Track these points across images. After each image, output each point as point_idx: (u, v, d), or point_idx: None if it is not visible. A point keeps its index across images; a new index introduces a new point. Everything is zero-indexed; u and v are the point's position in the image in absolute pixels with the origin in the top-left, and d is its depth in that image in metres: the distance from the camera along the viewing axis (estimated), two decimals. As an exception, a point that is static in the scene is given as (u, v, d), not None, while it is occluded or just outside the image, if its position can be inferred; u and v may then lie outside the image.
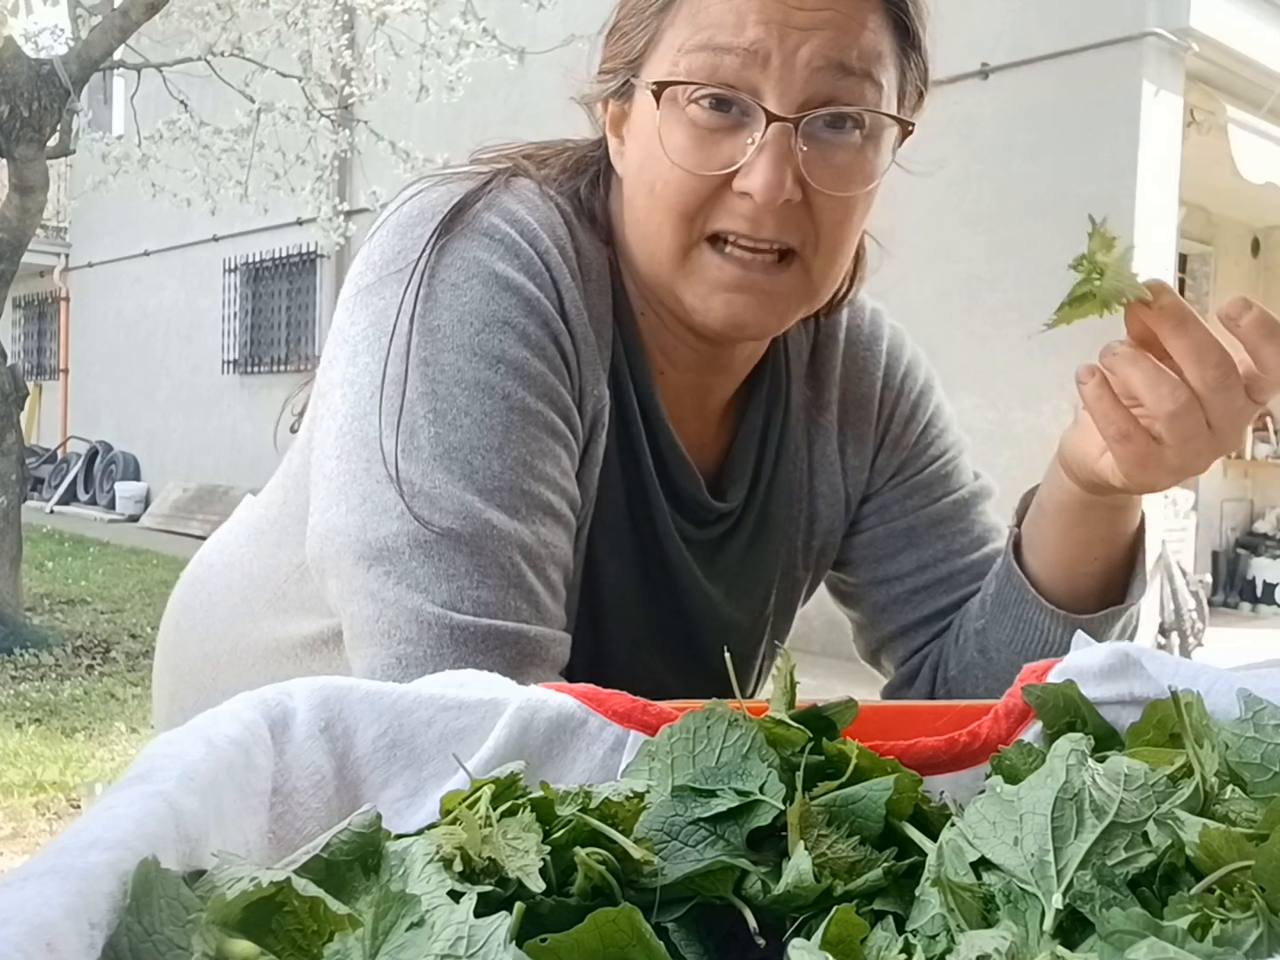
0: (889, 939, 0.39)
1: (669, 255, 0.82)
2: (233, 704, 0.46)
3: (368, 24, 7.07)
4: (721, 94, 0.78)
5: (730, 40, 0.77)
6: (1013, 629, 0.91)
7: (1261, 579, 8.10)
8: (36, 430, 15.14)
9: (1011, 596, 0.91)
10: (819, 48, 0.77)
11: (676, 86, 0.79)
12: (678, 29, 0.80)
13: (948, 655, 0.98)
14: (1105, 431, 0.74)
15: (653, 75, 0.81)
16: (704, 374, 0.93)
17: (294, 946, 0.35)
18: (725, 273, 0.81)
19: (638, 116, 0.84)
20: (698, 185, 0.79)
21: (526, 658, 0.76)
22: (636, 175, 0.83)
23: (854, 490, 1.01)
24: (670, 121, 0.80)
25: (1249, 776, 0.47)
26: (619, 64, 0.85)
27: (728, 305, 0.82)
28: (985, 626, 0.94)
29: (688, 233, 0.81)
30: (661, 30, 0.81)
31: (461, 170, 0.87)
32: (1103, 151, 5.91)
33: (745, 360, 0.94)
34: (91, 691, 5.04)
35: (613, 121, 0.88)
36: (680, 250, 0.81)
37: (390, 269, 0.80)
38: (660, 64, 0.81)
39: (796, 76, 0.77)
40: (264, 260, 11.69)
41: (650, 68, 0.82)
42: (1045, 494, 0.88)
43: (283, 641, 0.92)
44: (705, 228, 0.80)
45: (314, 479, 0.82)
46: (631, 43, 0.84)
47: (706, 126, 0.79)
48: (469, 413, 0.77)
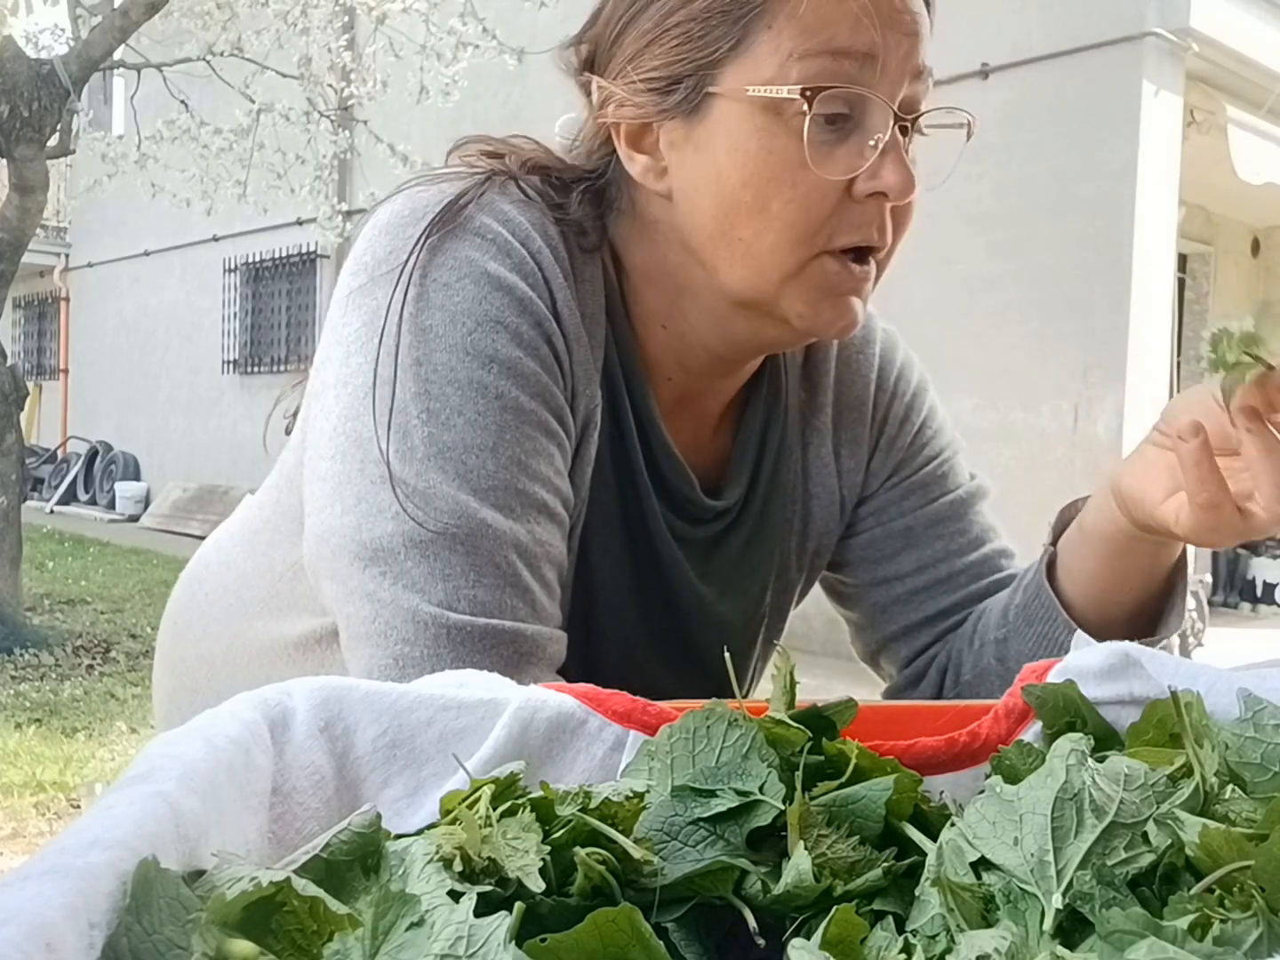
0: (889, 939, 0.39)
1: (783, 271, 0.80)
2: (232, 704, 0.46)
3: (367, 24, 7.08)
4: (856, 95, 0.76)
5: (848, 44, 0.76)
6: (1035, 644, 0.91)
7: (1261, 579, 8.09)
8: (36, 430, 15.13)
9: (1039, 614, 0.91)
10: (913, 53, 0.78)
11: (803, 94, 0.75)
12: (779, 32, 0.76)
13: (961, 659, 0.98)
14: (1194, 496, 0.73)
15: (745, 82, 0.77)
16: (713, 380, 0.92)
17: (294, 946, 0.35)
18: (840, 279, 0.80)
19: (718, 130, 0.79)
20: (824, 197, 0.77)
21: (524, 656, 0.76)
22: (729, 193, 0.79)
23: (849, 492, 1.01)
24: (782, 134, 0.77)
25: (1249, 776, 0.47)
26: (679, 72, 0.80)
27: (835, 308, 0.81)
28: (1007, 636, 0.93)
29: (809, 248, 0.79)
30: (753, 35, 0.77)
31: (453, 171, 0.86)
32: (1103, 151, 5.91)
33: (752, 366, 0.94)
34: (91, 691, 5.04)
35: (634, 137, 0.83)
36: (797, 266, 0.79)
37: (381, 269, 0.80)
38: (755, 72, 0.77)
39: (902, 81, 0.78)
40: (264, 260, 11.69)
41: (737, 75, 0.78)
42: (1090, 521, 0.87)
43: (277, 641, 0.92)
44: (827, 243, 0.79)
45: (308, 479, 0.82)
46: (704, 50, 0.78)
47: (822, 135, 0.77)
48: (462, 412, 0.77)
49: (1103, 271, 5.92)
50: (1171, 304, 6.30)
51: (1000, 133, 6.06)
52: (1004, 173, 6.11)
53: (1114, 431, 5.89)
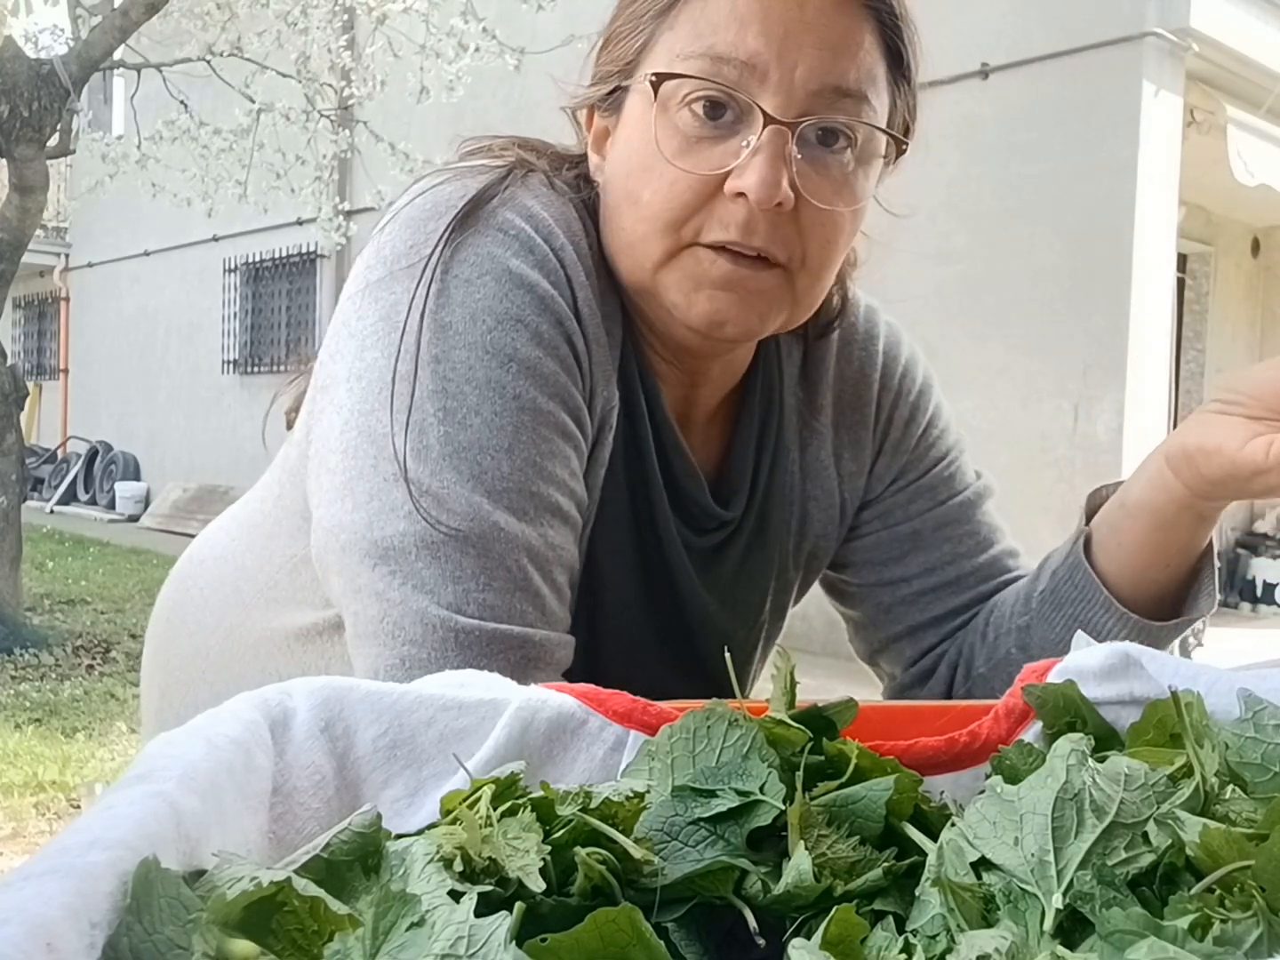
0: (889, 939, 0.39)
1: (654, 261, 0.81)
2: (233, 704, 0.46)
3: (367, 24, 7.07)
4: (719, 95, 0.77)
5: (729, 50, 0.77)
6: (1065, 628, 0.91)
7: (1261, 579, 8.09)
8: (36, 430, 15.13)
9: (1070, 595, 0.91)
10: (816, 68, 0.77)
11: (670, 85, 0.78)
12: (677, 33, 0.79)
13: (973, 652, 0.97)
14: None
15: (638, 80, 0.81)
16: (689, 388, 0.92)
17: (294, 946, 0.35)
18: (716, 268, 0.80)
19: (626, 124, 0.83)
20: (689, 189, 0.78)
21: (531, 661, 0.75)
22: (622, 185, 0.82)
23: (850, 495, 1.00)
24: (662, 125, 0.79)
25: (1249, 776, 0.47)
26: (611, 70, 0.84)
27: (711, 301, 0.80)
28: (1030, 623, 0.93)
29: (675, 240, 0.80)
30: (658, 34, 0.81)
31: (475, 165, 0.86)
32: (1103, 151, 5.91)
33: (726, 372, 0.93)
34: (91, 691, 5.04)
35: (596, 139, 0.87)
36: (666, 255, 0.80)
37: (402, 264, 0.79)
38: (654, 68, 0.80)
39: (794, 93, 0.77)
40: (264, 260, 11.69)
41: (642, 74, 0.81)
42: (1136, 496, 0.88)
43: (275, 633, 0.92)
44: (695, 237, 0.79)
45: (314, 473, 0.81)
46: (625, 49, 0.83)
47: (699, 131, 0.78)
48: (479, 412, 0.76)
49: (1103, 271, 5.92)
50: (1171, 304, 6.30)
51: (1000, 133, 6.06)
52: (1004, 173, 6.10)
53: (1114, 431, 5.89)
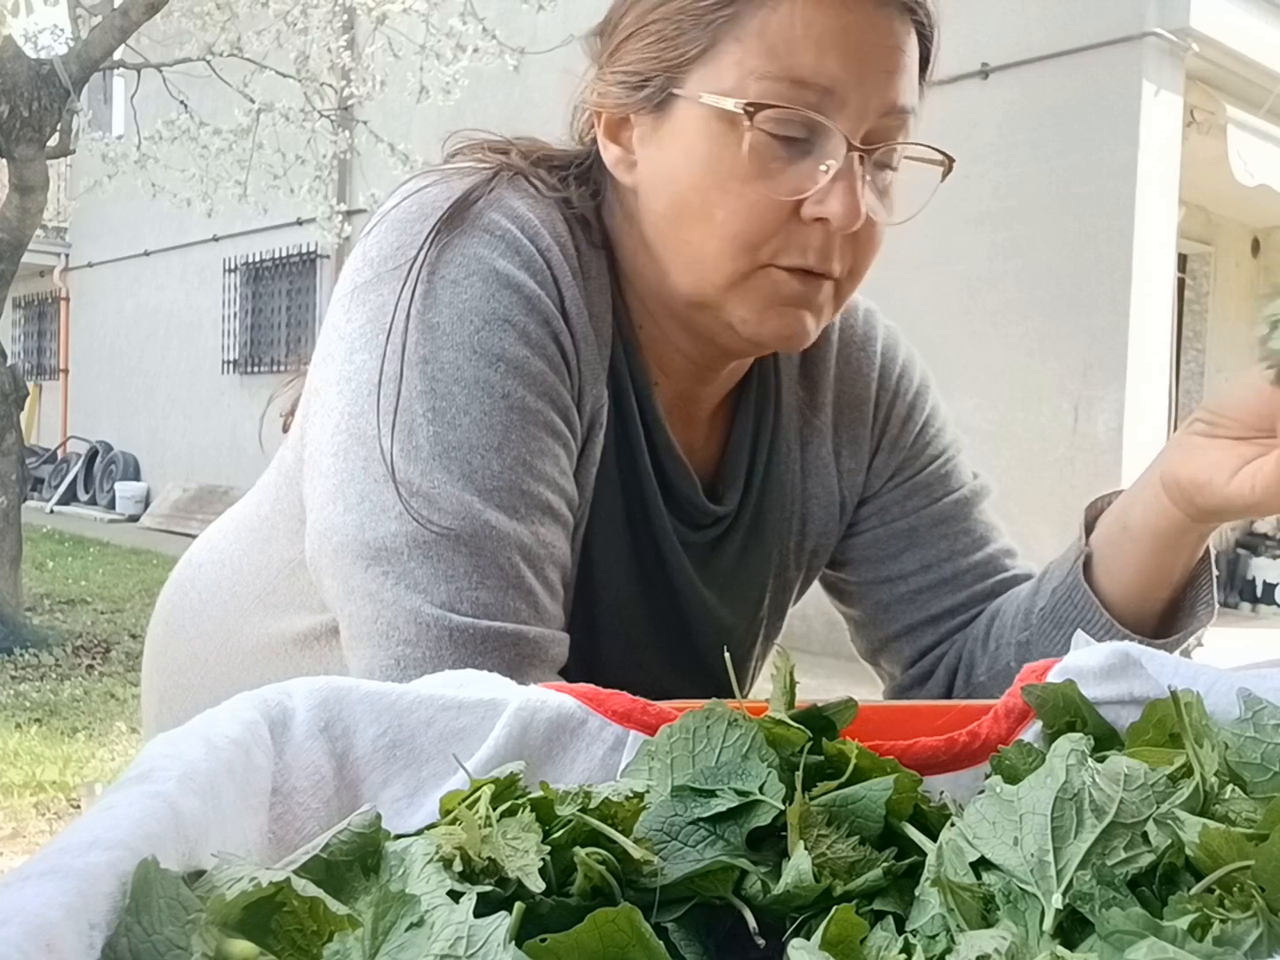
0: (889, 939, 0.39)
1: (725, 280, 0.80)
2: (232, 704, 0.46)
3: (367, 24, 7.07)
4: (809, 120, 0.77)
5: (809, 76, 0.76)
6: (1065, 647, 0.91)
7: (1261, 579, 8.09)
8: (36, 430, 15.13)
9: (1070, 615, 0.91)
10: (884, 92, 0.79)
11: (745, 110, 0.76)
12: (745, 46, 0.77)
13: (974, 659, 0.98)
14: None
15: (705, 89, 0.78)
16: (694, 384, 0.92)
17: (294, 946, 0.35)
18: (789, 288, 0.80)
19: (682, 133, 0.80)
20: (769, 212, 0.78)
21: (525, 659, 0.75)
22: (684, 197, 0.80)
23: (850, 493, 1.01)
24: (733, 142, 0.77)
25: (1249, 776, 0.47)
26: (653, 69, 0.81)
27: (781, 318, 0.82)
28: (1030, 640, 0.93)
29: (751, 261, 0.79)
30: (721, 43, 0.78)
31: (461, 167, 0.86)
32: (1103, 151, 5.91)
33: (733, 372, 0.93)
34: (91, 691, 5.04)
35: (612, 128, 0.85)
36: (740, 276, 0.80)
37: (388, 265, 0.79)
38: (716, 80, 0.78)
39: (867, 117, 0.78)
40: (264, 260, 11.69)
41: (700, 80, 0.79)
42: (1138, 519, 0.88)
43: (273, 638, 0.92)
44: (771, 259, 0.79)
45: (308, 476, 0.82)
46: (674, 50, 0.80)
47: (775, 153, 0.78)
48: (468, 411, 0.77)
49: (1103, 271, 5.92)
50: (1171, 304, 6.30)
51: (1000, 133, 6.06)
52: (1004, 173, 6.11)
53: (1114, 431, 5.89)
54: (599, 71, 0.86)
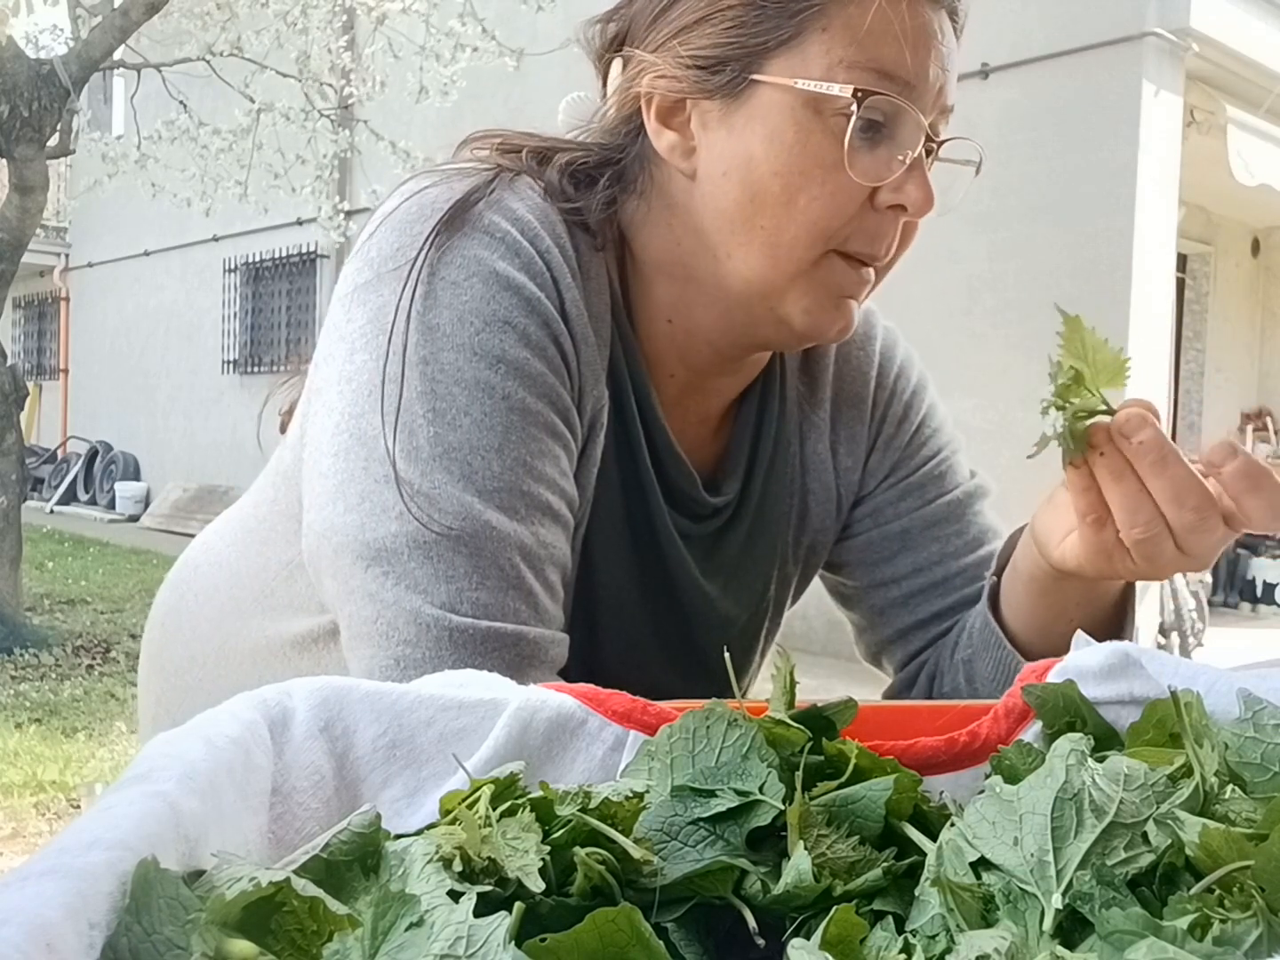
0: (889, 939, 0.39)
1: (797, 266, 0.81)
2: (232, 704, 0.46)
3: (367, 24, 7.08)
4: (895, 108, 0.79)
5: (894, 69, 0.79)
6: (994, 668, 0.91)
7: (1261, 579, 8.09)
8: (36, 430, 15.13)
9: (991, 640, 0.91)
10: (945, 87, 0.82)
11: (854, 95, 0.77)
12: (832, 37, 0.78)
13: (942, 669, 0.98)
14: (1081, 511, 0.73)
15: (791, 76, 0.79)
16: (717, 377, 0.93)
17: (293, 946, 0.35)
18: (848, 279, 0.82)
19: (758, 115, 0.80)
20: (852, 200, 0.80)
21: (525, 659, 0.75)
22: (758, 180, 0.80)
23: (846, 490, 1.01)
24: (820, 131, 0.79)
25: (1249, 776, 0.47)
26: (727, 54, 0.80)
27: (839, 309, 0.83)
28: (971, 658, 0.94)
29: (824, 246, 0.81)
30: (806, 33, 0.79)
31: (461, 167, 0.86)
32: (1103, 151, 5.91)
33: (756, 362, 0.94)
34: (91, 691, 5.04)
35: (665, 113, 0.83)
36: (809, 263, 0.81)
37: (389, 266, 0.79)
38: (802, 68, 0.79)
39: (930, 110, 0.81)
40: (264, 260, 11.69)
41: (783, 68, 0.79)
42: (1019, 560, 0.88)
43: (271, 640, 0.91)
44: (841, 245, 0.81)
45: (308, 476, 0.82)
46: (755, 37, 0.80)
47: (854, 141, 0.79)
48: (468, 413, 0.77)
49: (1103, 271, 5.92)
50: (1171, 304, 6.30)
51: (1000, 133, 6.06)
52: (1004, 173, 6.11)
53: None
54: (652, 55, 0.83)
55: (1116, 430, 0.69)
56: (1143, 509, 0.70)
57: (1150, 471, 0.69)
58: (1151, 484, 0.70)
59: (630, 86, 0.85)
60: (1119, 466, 0.70)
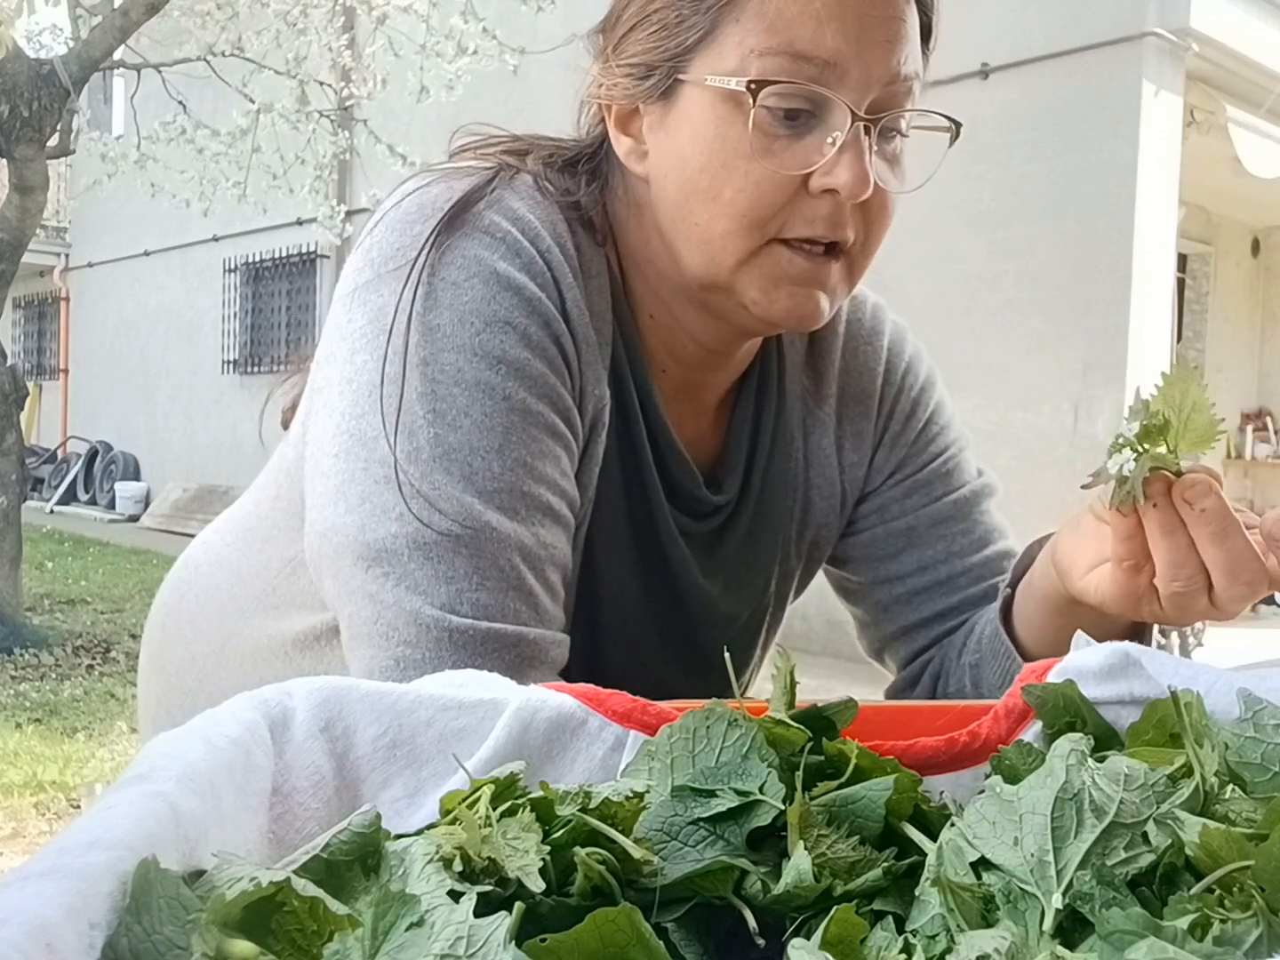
0: (889, 939, 0.39)
1: (735, 259, 0.81)
2: (232, 704, 0.46)
3: (367, 24, 7.07)
4: (812, 93, 0.77)
5: (810, 49, 0.77)
6: (1001, 678, 0.91)
7: (1261, 579, 8.08)
8: (36, 430, 15.13)
9: (1001, 650, 0.91)
10: (886, 61, 0.79)
11: (749, 88, 0.77)
12: (744, 26, 0.78)
13: (948, 670, 0.98)
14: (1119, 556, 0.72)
15: (708, 72, 0.79)
16: (706, 371, 0.93)
17: (294, 946, 0.35)
18: (794, 267, 0.81)
19: (689, 117, 0.81)
20: (777, 188, 0.79)
21: (526, 660, 0.75)
22: (692, 180, 0.81)
23: (851, 486, 1.01)
24: (738, 122, 0.78)
25: (1249, 776, 0.47)
26: (658, 59, 0.82)
27: (792, 298, 0.82)
28: (979, 663, 0.93)
29: (759, 237, 0.80)
30: (721, 26, 0.79)
31: (461, 166, 0.86)
32: (1103, 151, 5.91)
33: (745, 356, 0.94)
34: (91, 691, 5.04)
35: (623, 120, 0.85)
36: (748, 253, 0.81)
37: (389, 266, 0.80)
38: (719, 62, 0.79)
39: (870, 87, 0.79)
40: (264, 260, 11.69)
41: (703, 65, 0.80)
42: (1036, 579, 0.87)
43: (273, 639, 0.91)
44: (777, 233, 0.80)
45: (309, 475, 0.82)
46: (676, 38, 0.81)
47: (778, 129, 0.78)
48: (469, 413, 0.77)
49: (1103, 271, 5.92)
50: (1171, 304, 6.30)
51: (1000, 133, 6.06)
52: (1004, 173, 6.11)
53: (1114, 431, 5.88)
54: (604, 65, 0.86)
55: (1179, 493, 0.68)
56: (1188, 565, 0.69)
57: (1210, 541, 0.68)
58: (1208, 553, 0.68)
59: (590, 95, 0.88)
60: (1172, 523, 0.69)
